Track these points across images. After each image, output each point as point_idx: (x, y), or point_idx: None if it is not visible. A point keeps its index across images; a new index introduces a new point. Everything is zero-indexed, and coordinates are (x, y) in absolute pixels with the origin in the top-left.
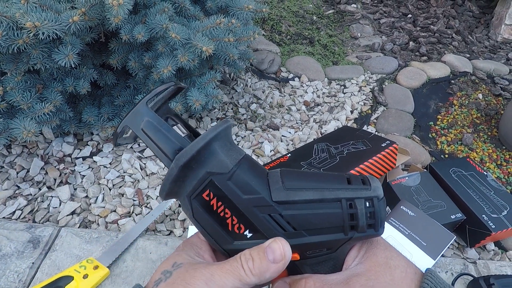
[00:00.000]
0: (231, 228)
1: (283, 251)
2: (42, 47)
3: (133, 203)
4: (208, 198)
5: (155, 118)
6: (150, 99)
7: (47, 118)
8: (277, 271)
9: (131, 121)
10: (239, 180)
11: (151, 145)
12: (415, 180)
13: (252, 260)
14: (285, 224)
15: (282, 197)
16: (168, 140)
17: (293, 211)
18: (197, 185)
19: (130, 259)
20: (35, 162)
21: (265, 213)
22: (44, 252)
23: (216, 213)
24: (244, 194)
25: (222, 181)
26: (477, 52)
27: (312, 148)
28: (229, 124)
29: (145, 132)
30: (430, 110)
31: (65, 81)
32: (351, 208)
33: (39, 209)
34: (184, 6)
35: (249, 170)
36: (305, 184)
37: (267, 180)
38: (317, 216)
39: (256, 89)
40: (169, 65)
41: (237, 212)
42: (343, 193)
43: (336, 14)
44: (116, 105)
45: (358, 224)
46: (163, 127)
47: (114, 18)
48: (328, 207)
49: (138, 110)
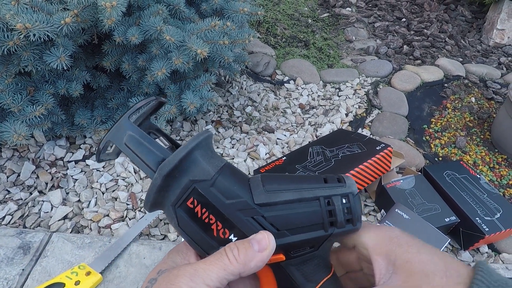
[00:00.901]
0: (216, 233)
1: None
2: (33, 49)
3: (126, 207)
4: (192, 206)
5: (137, 132)
6: (132, 113)
7: (39, 121)
8: (262, 261)
9: (114, 136)
10: (221, 186)
11: (134, 158)
12: (410, 183)
13: (237, 249)
14: (268, 225)
15: (264, 199)
16: (150, 152)
17: (275, 212)
18: (181, 194)
19: (123, 265)
20: (26, 166)
21: (248, 216)
22: (34, 258)
23: (200, 220)
24: (227, 199)
25: (205, 188)
26: (469, 56)
27: (307, 151)
28: (209, 134)
29: (128, 146)
30: (424, 113)
31: (57, 83)
32: (329, 205)
33: (30, 214)
34: (178, 8)
35: (230, 176)
36: (285, 186)
37: (248, 185)
38: (298, 215)
39: (251, 92)
40: (163, 67)
41: (221, 217)
42: (320, 192)
43: (331, 17)
44: (109, 108)
45: (337, 220)
46: (146, 139)
47: (107, 20)
48: (308, 205)
49: (120, 125)
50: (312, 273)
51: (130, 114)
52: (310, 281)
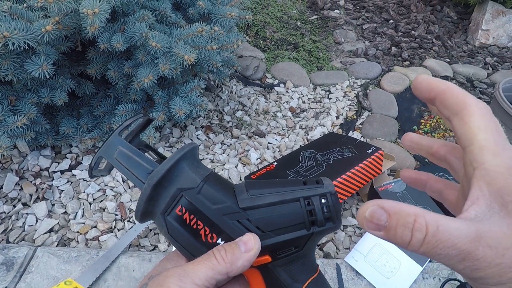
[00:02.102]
0: (205, 238)
1: (254, 241)
2: (13, 57)
3: (115, 217)
4: (181, 213)
5: (127, 147)
6: (122, 130)
7: (21, 131)
8: (248, 260)
9: (105, 152)
10: (207, 192)
11: (125, 172)
12: (401, 186)
13: (224, 250)
14: (253, 227)
15: (248, 203)
16: (140, 165)
17: (259, 214)
18: (169, 202)
19: (112, 279)
20: (9, 178)
21: (234, 220)
22: (18, 274)
23: (189, 226)
24: (213, 204)
25: (192, 195)
26: (456, 57)
27: (299, 156)
28: (195, 146)
29: (119, 161)
30: (414, 114)
31: (40, 92)
32: (309, 205)
33: (14, 228)
34: (165, 13)
35: (216, 184)
36: (267, 190)
37: (233, 191)
38: (281, 216)
39: (241, 96)
40: (150, 74)
41: (208, 222)
42: (300, 193)
43: (319, 19)
44: (95, 116)
45: (317, 218)
46: (135, 154)
47: (90, 27)
48: (289, 207)
49: (111, 141)
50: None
51: (120, 131)
52: (296, 281)
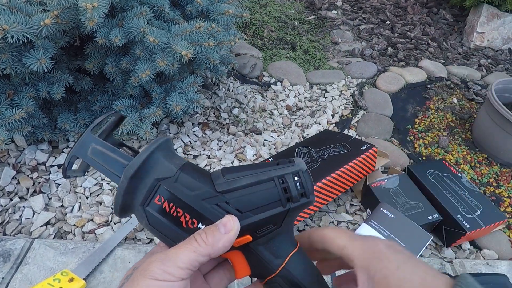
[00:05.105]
0: (186, 225)
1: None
2: (12, 51)
3: (111, 211)
4: (160, 202)
5: (101, 143)
6: (93, 127)
7: (19, 125)
8: (229, 241)
9: (78, 151)
10: (185, 180)
11: (101, 168)
12: (394, 183)
13: (205, 233)
14: (232, 209)
15: (225, 187)
16: (115, 161)
17: (236, 197)
18: (148, 193)
19: (108, 270)
20: (6, 172)
21: (212, 204)
22: (15, 266)
23: (169, 215)
24: (192, 191)
25: (170, 184)
26: (451, 58)
27: (294, 152)
28: (168, 138)
29: (93, 158)
30: (408, 113)
31: (38, 86)
32: (283, 183)
33: (10, 221)
34: (163, 10)
35: (192, 171)
36: (242, 173)
37: (210, 178)
38: (257, 196)
39: (238, 94)
40: (148, 69)
41: (188, 208)
42: (274, 172)
43: (317, 19)
44: (93, 111)
45: (292, 195)
46: (109, 150)
47: (88, 21)
48: (264, 186)
49: (83, 139)
50: (279, 250)
51: (92, 129)
52: (278, 257)
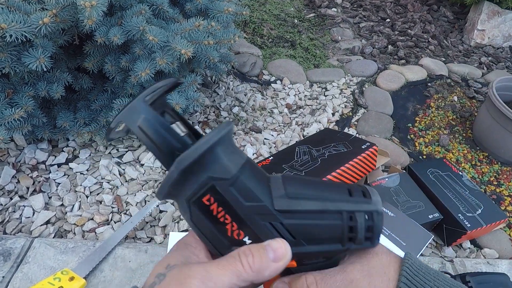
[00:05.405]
0: (231, 233)
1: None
2: (10, 50)
3: (111, 210)
4: (208, 203)
5: (153, 116)
6: (147, 95)
7: (18, 124)
8: (276, 271)
9: (126, 117)
10: (241, 186)
11: (149, 143)
12: (395, 181)
13: (252, 256)
14: (285, 232)
15: (284, 206)
16: (166, 140)
17: (295, 220)
18: (197, 189)
19: (108, 269)
20: (5, 171)
21: (266, 221)
22: (15, 264)
23: (215, 218)
24: (246, 201)
25: (224, 187)
26: (452, 56)
27: (294, 151)
28: (231, 128)
29: (142, 130)
30: (409, 112)
31: (38, 85)
32: (351, 220)
33: (11, 220)
34: (162, 8)
35: (251, 176)
36: (307, 193)
37: (268, 186)
38: (318, 227)
39: (238, 92)
40: (147, 68)
41: (237, 218)
42: (344, 206)
43: (317, 17)
44: (92, 110)
45: (357, 236)
46: (162, 125)
47: (87, 20)
48: (329, 218)
49: (134, 106)
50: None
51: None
52: None
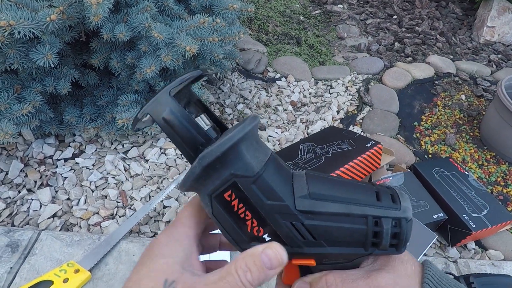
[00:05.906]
0: (250, 230)
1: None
2: (19, 46)
3: (116, 205)
4: (230, 199)
5: (178, 109)
6: (173, 87)
7: (26, 119)
8: (275, 274)
9: (152, 109)
10: (263, 184)
11: (173, 136)
12: (399, 180)
13: (250, 272)
14: (306, 233)
15: (307, 206)
16: (190, 134)
17: (316, 221)
18: (219, 185)
19: (113, 262)
20: (14, 164)
21: (286, 220)
22: (23, 256)
23: (236, 214)
24: (268, 199)
25: (246, 185)
26: (460, 54)
27: (298, 148)
28: (256, 123)
29: (167, 122)
30: (415, 110)
31: (45, 81)
32: (376, 226)
33: (19, 213)
34: (167, 5)
35: (274, 174)
36: (331, 194)
37: (291, 184)
38: (340, 230)
39: (242, 89)
40: (153, 64)
41: (258, 216)
42: (370, 210)
43: (322, 14)
44: (98, 106)
45: (381, 242)
46: (186, 119)
47: (93, 17)
48: (353, 222)
49: (159, 99)
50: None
51: (172, 88)
52: None
